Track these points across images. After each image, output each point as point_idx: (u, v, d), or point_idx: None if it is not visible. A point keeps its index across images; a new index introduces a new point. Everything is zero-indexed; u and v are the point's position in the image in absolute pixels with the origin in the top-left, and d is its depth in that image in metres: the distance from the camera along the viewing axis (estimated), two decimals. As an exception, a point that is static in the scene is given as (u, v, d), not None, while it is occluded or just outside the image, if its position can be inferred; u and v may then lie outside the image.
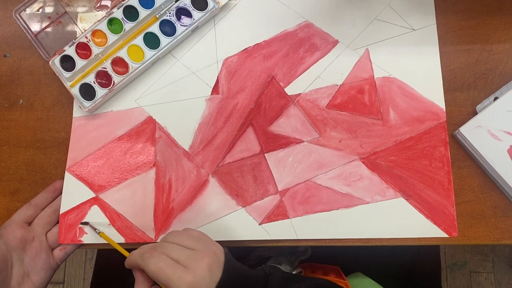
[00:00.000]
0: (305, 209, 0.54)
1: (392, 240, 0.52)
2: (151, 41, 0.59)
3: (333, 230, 0.53)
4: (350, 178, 0.54)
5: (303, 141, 0.56)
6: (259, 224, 0.54)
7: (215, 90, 0.58)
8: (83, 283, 1.30)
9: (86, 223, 0.55)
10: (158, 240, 0.54)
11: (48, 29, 0.62)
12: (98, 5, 0.62)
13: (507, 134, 0.51)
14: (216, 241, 0.48)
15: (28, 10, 0.63)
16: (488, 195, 0.52)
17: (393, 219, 0.52)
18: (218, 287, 0.42)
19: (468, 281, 1.22)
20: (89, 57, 0.59)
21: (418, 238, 0.52)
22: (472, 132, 0.51)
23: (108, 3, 0.63)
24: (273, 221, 0.54)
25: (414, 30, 0.56)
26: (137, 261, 0.45)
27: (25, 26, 0.62)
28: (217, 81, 0.58)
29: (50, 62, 0.59)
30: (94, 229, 0.55)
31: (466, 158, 0.53)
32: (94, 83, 0.59)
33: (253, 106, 0.57)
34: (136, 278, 0.46)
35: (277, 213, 0.54)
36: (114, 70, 0.59)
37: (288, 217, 0.54)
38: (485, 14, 0.56)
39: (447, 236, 0.51)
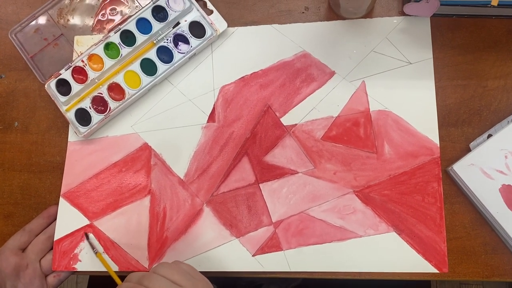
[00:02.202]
0: (298, 241, 0.54)
1: (383, 274, 0.53)
2: (148, 67, 0.59)
3: (325, 263, 0.53)
4: (344, 211, 0.54)
5: (298, 172, 0.56)
6: (253, 256, 0.54)
7: (211, 118, 0.58)
8: (75, 286, 1.30)
9: (87, 237, 0.56)
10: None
11: (44, 51, 0.62)
12: (96, 25, 0.62)
13: (499, 173, 0.51)
14: (209, 272, 0.48)
15: (24, 31, 0.62)
16: (479, 232, 0.53)
17: (385, 253, 0.53)
18: None
19: (457, 284, 1.24)
20: (85, 81, 0.59)
21: (409, 273, 0.52)
22: (465, 170, 0.52)
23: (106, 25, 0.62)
24: (266, 252, 0.54)
25: (411, 63, 0.56)
26: None
27: (21, 47, 0.62)
28: (214, 109, 0.59)
29: (45, 86, 0.59)
30: (92, 247, 0.55)
31: (458, 194, 0.53)
32: (90, 108, 0.59)
33: (249, 136, 0.57)
34: None
35: (271, 245, 0.54)
36: (110, 96, 0.59)
37: (281, 249, 0.54)
38: (482, 50, 0.56)
39: (438, 271, 0.52)
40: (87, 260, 0.56)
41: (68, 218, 0.57)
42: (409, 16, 0.57)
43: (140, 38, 0.59)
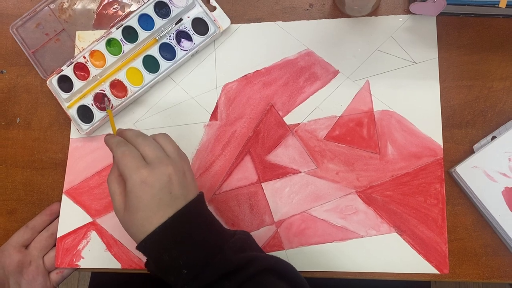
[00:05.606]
0: (300, 241, 0.54)
1: (384, 274, 0.53)
2: (151, 64, 0.58)
3: (326, 262, 0.54)
4: (346, 211, 0.54)
5: (300, 172, 0.56)
6: (254, 255, 0.54)
7: (214, 116, 0.58)
8: (77, 283, 1.31)
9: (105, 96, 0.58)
10: None
11: (46, 47, 0.61)
12: (97, 20, 0.61)
13: (502, 175, 0.51)
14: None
15: (25, 26, 0.61)
16: (480, 234, 0.53)
17: (386, 254, 0.53)
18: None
19: (457, 286, 1.25)
20: (87, 78, 0.59)
21: (410, 274, 0.53)
22: (468, 172, 0.52)
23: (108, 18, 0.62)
24: (268, 252, 0.54)
25: (416, 63, 0.56)
26: (112, 146, 0.45)
27: (22, 42, 0.61)
28: (216, 107, 0.58)
29: (47, 82, 0.59)
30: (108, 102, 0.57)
31: (460, 196, 0.53)
32: (92, 105, 0.58)
33: (252, 134, 0.57)
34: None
35: (272, 244, 0.55)
36: (112, 93, 0.58)
37: (283, 249, 0.54)
38: (488, 50, 0.55)
39: (438, 272, 0.52)
40: (90, 257, 0.56)
41: (71, 215, 0.57)
42: (415, 15, 0.56)
43: (142, 34, 0.58)
